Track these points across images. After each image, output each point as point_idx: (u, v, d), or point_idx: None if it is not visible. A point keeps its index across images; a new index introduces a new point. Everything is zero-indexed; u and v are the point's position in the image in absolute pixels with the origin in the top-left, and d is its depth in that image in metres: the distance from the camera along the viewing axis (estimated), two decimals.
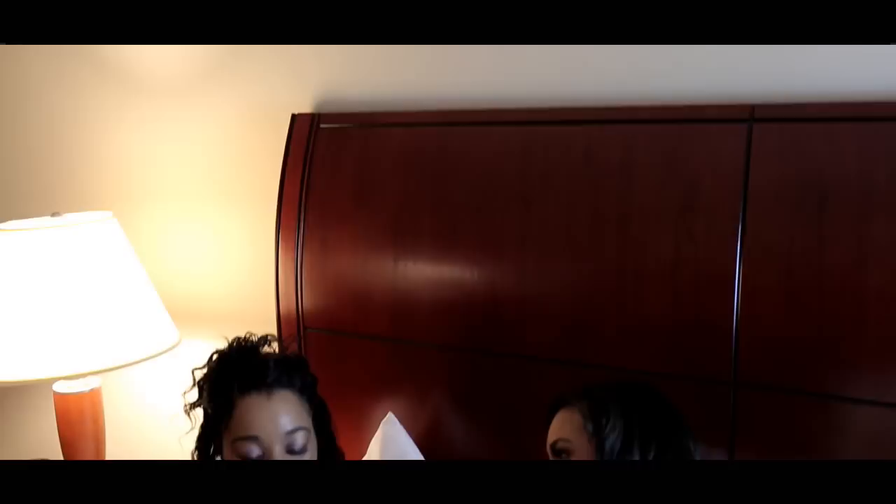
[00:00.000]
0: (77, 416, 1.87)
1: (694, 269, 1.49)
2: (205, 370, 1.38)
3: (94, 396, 1.88)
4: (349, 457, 1.49)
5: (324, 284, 1.84)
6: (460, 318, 1.69)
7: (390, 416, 1.73)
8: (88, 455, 1.89)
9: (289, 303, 1.87)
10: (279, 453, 1.28)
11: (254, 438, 1.28)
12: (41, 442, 2.18)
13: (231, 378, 1.32)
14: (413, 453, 1.69)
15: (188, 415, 1.40)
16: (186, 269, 2.11)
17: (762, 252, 1.45)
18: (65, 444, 1.89)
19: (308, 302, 1.85)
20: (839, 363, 1.40)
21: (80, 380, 1.86)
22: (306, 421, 1.34)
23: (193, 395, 1.40)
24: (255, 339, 1.39)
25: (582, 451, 1.26)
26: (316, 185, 1.84)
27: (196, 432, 1.40)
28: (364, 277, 1.79)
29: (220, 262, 2.08)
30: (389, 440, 1.70)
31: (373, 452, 1.71)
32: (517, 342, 1.64)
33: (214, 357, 1.37)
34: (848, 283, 1.39)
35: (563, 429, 1.29)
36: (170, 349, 1.87)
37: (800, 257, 1.42)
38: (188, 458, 1.40)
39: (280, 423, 1.29)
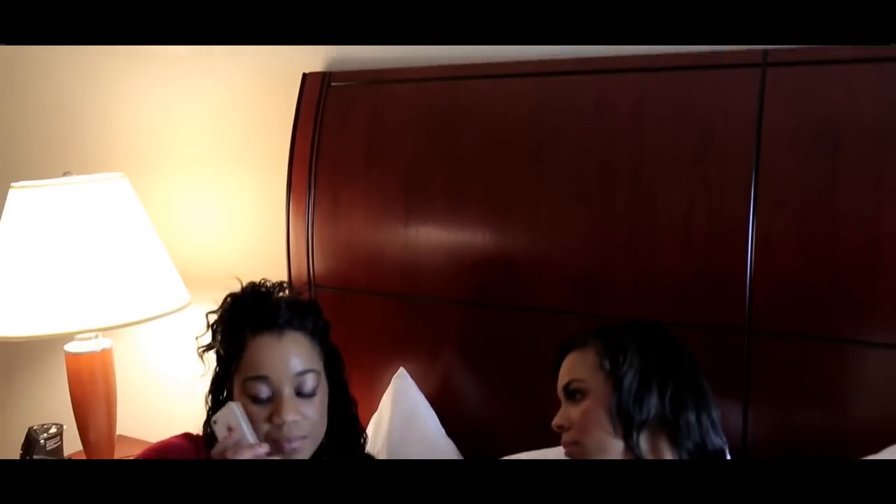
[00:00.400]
0: (88, 377, 1.87)
1: (707, 217, 1.49)
2: (218, 314, 1.38)
3: (105, 357, 1.88)
4: (361, 414, 1.48)
5: (335, 243, 1.83)
6: (472, 272, 1.69)
7: (402, 371, 1.73)
8: (100, 415, 1.89)
9: (300, 263, 1.87)
10: (288, 394, 1.28)
11: (263, 378, 1.28)
12: (54, 402, 2.19)
13: (243, 319, 1.32)
14: (424, 408, 1.69)
15: (201, 358, 1.40)
16: (197, 233, 2.11)
17: (776, 198, 1.44)
18: (76, 404, 1.89)
19: (319, 261, 1.85)
20: (854, 307, 1.39)
21: (92, 340, 1.87)
22: (317, 364, 1.33)
23: (207, 339, 1.40)
24: (269, 283, 1.39)
25: (598, 390, 1.25)
26: (327, 145, 1.83)
27: (206, 383, 1.40)
28: (375, 235, 1.78)
29: (230, 226, 2.08)
30: (400, 395, 1.70)
31: (384, 407, 1.70)
32: (529, 296, 1.64)
33: (228, 299, 1.37)
34: (862, 227, 1.39)
35: (577, 369, 1.28)
36: (180, 309, 1.88)
37: (814, 202, 1.42)
38: (202, 402, 1.39)
39: (290, 364, 1.29)
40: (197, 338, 1.39)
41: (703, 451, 1.23)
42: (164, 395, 2.16)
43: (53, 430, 1.96)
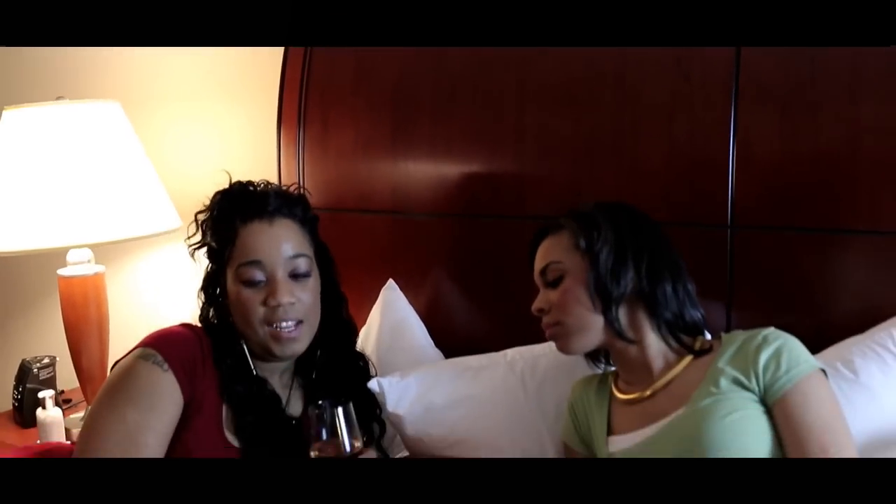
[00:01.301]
0: (81, 300, 1.88)
1: (690, 115, 1.50)
2: (207, 209, 1.39)
3: (97, 280, 1.89)
4: None
5: (324, 164, 1.85)
6: (460, 185, 1.71)
7: (391, 283, 1.74)
8: (92, 340, 1.89)
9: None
10: (282, 276, 1.29)
11: (257, 263, 1.30)
12: (47, 343, 2.20)
13: (233, 210, 1.33)
14: (412, 318, 1.70)
15: (192, 256, 1.41)
16: (188, 164, 2.13)
17: (757, 91, 1.45)
18: (69, 328, 1.89)
19: (310, 182, 1.86)
20: (834, 196, 1.41)
21: (84, 265, 1.88)
22: (308, 250, 1.35)
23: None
24: (256, 181, 1.40)
25: (576, 269, 1.25)
26: (317, 69, 1.86)
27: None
28: (365, 153, 1.80)
29: (221, 152, 2.09)
30: (389, 305, 1.71)
31: (373, 318, 1.71)
32: (516, 205, 1.66)
33: (217, 195, 1.38)
34: (842, 119, 1.40)
35: (552, 252, 1.28)
36: (171, 231, 1.90)
37: (794, 95, 1.43)
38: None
39: (282, 248, 1.31)
40: (187, 238, 1.41)
41: (680, 322, 1.23)
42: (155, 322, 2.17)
43: (46, 360, 1.98)
